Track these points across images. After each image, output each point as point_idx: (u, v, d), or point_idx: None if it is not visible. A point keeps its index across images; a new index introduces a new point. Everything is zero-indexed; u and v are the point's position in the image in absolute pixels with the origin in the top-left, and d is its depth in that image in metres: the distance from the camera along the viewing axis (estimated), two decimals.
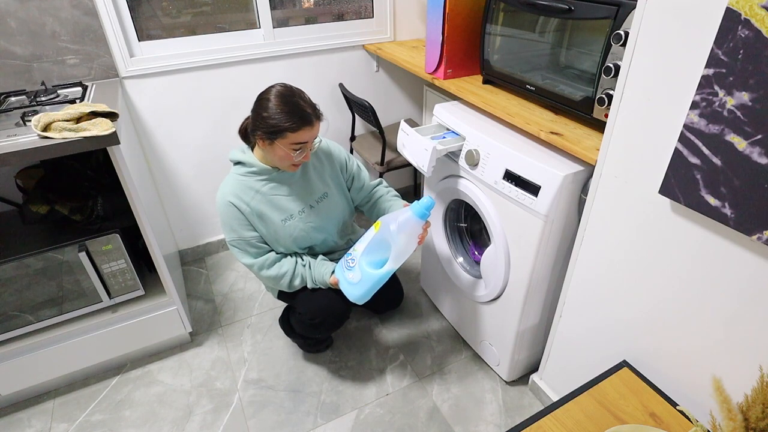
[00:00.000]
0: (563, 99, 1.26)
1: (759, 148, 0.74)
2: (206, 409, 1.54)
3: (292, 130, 1.22)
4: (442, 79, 1.65)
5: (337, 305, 1.46)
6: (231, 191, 1.33)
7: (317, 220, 1.43)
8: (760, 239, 0.77)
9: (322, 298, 1.46)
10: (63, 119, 1.22)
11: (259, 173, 1.34)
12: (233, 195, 1.33)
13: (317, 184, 1.43)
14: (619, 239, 1.07)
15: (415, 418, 1.50)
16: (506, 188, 1.26)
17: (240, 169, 1.35)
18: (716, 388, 0.75)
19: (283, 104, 1.22)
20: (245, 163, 1.34)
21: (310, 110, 1.24)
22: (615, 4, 1.04)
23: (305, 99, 1.26)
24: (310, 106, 1.25)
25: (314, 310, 1.46)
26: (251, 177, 1.34)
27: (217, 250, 2.29)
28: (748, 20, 0.71)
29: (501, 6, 1.40)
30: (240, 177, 1.34)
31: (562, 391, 1.43)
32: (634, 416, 1.01)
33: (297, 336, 1.70)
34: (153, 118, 1.86)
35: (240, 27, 1.92)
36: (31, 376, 1.51)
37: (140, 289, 1.58)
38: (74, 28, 1.58)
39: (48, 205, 1.46)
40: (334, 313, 1.47)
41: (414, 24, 2.23)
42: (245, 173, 1.34)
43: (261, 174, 1.34)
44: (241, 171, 1.35)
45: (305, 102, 1.25)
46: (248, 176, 1.34)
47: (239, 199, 1.33)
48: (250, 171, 1.34)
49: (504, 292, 1.43)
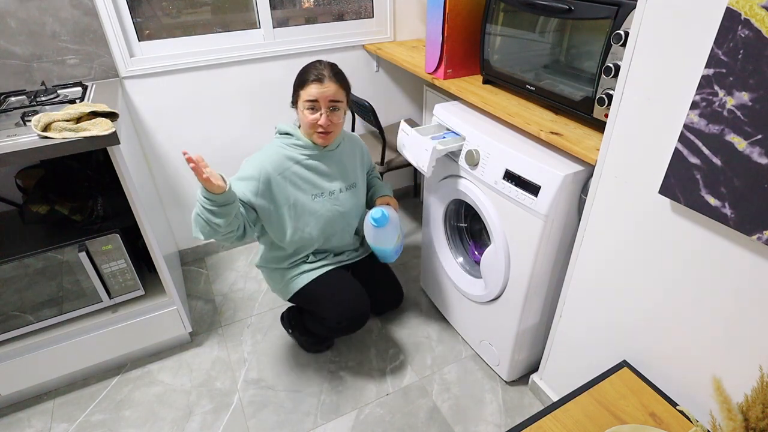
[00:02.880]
0: (563, 99, 1.26)
1: (759, 148, 0.74)
2: (206, 409, 1.54)
3: (302, 87, 1.32)
4: (442, 79, 1.65)
5: (358, 305, 1.49)
6: (268, 159, 1.36)
7: (344, 206, 1.48)
8: (760, 239, 0.77)
9: (343, 302, 1.48)
10: (63, 119, 1.22)
11: (304, 146, 1.39)
12: (268, 164, 1.35)
13: (350, 173, 1.50)
14: (619, 239, 1.07)
15: (415, 418, 1.50)
16: (506, 188, 1.26)
17: (287, 139, 1.39)
18: (716, 388, 0.75)
19: (300, 70, 1.35)
20: (294, 135, 1.39)
21: (322, 70, 1.31)
22: (615, 4, 1.04)
23: (323, 63, 1.34)
24: (326, 68, 1.32)
25: (339, 315, 1.47)
26: (296, 149, 1.39)
27: (217, 250, 2.29)
28: (748, 20, 0.71)
29: (501, 6, 1.40)
30: (284, 147, 1.38)
31: (562, 391, 1.43)
32: (634, 416, 1.01)
33: (299, 334, 1.70)
34: (153, 118, 1.86)
35: (240, 27, 1.92)
36: (31, 376, 1.51)
37: (140, 289, 1.58)
38: (74, 28, 1.58)
39: (48, 205, 1.46)
40: (359, 314, 1.50)
41: (414, 24, 2.23)
42: (291, 144, 1.39)
43: (305, 148, 1.39)
44: (287, 141, 1.39)
45: (321, 65, 1.33)
46: (293, 147, 1.39)
47: (273, 167, 1.35)
48: (297, 144, 1.39)
49: (504, 292, 1.43)
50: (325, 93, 1.30)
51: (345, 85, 1.36)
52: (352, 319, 1.48)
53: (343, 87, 1.34)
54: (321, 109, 1.31)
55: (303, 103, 1.31)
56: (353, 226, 1.56)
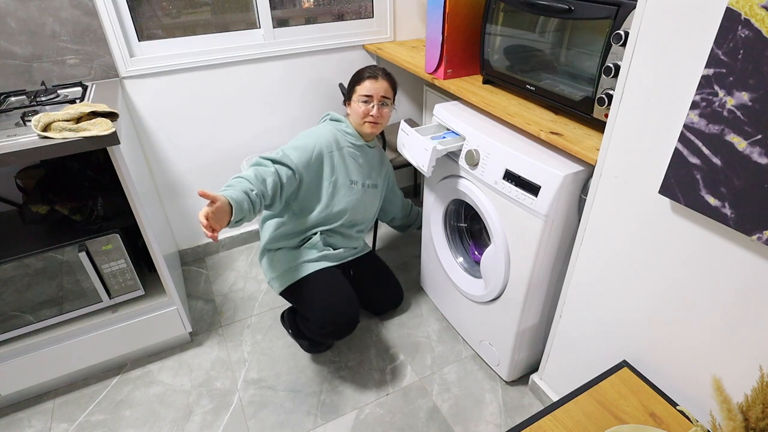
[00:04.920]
0: (563, 99, 1.26)
1: (759, 148, 0.74)
2: (206, 409, 1.54)
3: (358, 83, 1.51)
4: (442, 79, 1.65)
5: (346, 312, 1.48)
6: (324, 137, 1.50)
7: (363, 200, 1.61)
8: (759, 239, 0.77)
9: (331, 306, 1.47)
10: (63, 119, 1.22)
11: (351, 134, 1.55)
12: (324, 140, 1.49)
13: (374, 174, 1.65)
14: (619, 239, 1.07)
15: (415, 418, 1.50)
16: (506, 188, 1.26)
17: (338, 125, 1.55)
18: (716, 388, 0.75)
19: (356, 72, 1.56)
20: (344, 122, 1.56)
21: (377, 70, 1.52)
22: (615, 4, 1.04)
23: (377, 66, 1.55)
24: (379, 69, 1.53)
25: (324, 319, 1.47)
26: (344, 135, 1.55)
27: (217, 250, 2.29)
28: (748, 20, 0.71)
29: (501, 6, 1.40)
30: (336, 130, 1.54)
31: (562, 391, 1.43)
32: (634, 416, 1.01)
33: (300, 336, 1.70)
34: (153, 118, 1.86)
35: (240, 27, 1.92)
36: (31, 376, 1.51)
37: (140, 289, 1.58)
38: (74, 28, 1.58)
39: (48, 205, 1.46)
40: (345, 322, 1.48)
41: (414, 24, 2.23)
42: (341, 129, 1.55)
43: (352, 136, 1.55)
44: (339, 127, 1.55)
45: (375, 67, 1.54)
46: (342, 133, 1.54)
47: (335, 143, 1.51)
48: (346, 131, 1.55)
49: (504, 292, 1.43)
50: (378, 89, 1.49)
51: (394, 85, 1.55)
52: (338, 324, 1.47)
53: (392, 86, 1.54)
54: (373, 101, 1.49)
55: (358, 97, 1.50)
56: (367, 222, 1.69)
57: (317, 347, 1.72)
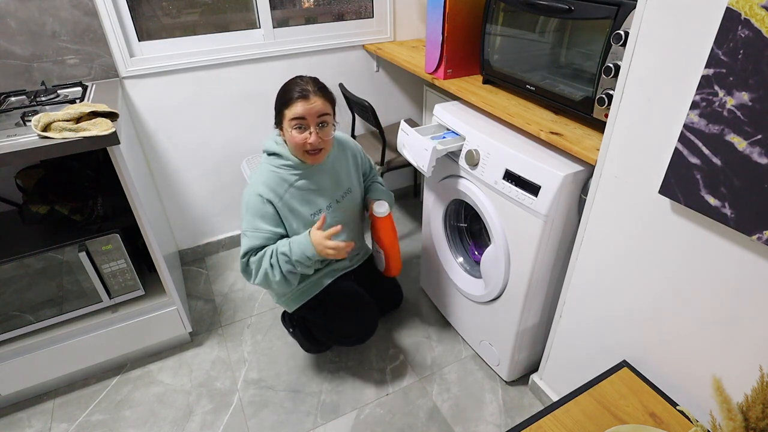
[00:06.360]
0: (563, 99, 1.26)
1: (759, 148, 0.74)
2: (206, 409, 1.54)
3: (286, 106, 1.25)
4: (442, 79, 1.65)
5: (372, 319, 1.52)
6: (265, 183, 1.31)
7: (342, 216, 1.45)
8: (760, 239, 0.77)
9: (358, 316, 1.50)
10: (63, 119, 1.22)
11: (294, 167, 1.33)
12: (267, 188, 1.30)
13: (343, 180, 1.45)
14: (619, 239, 1.07)
15: (415, 418, 1.50)
16: (506, 188, 1.26)
17: (275, 160, 1.33)
18: (716, 388, 0.75)
19: (281, 88, 1.29)
20: (281, 155, 1.32)
21: (306, 86, 1.25)
22: (615, 4, 1.04)
23: (304, 79, 1.28)
24: (309, 83, 1.26)
25: (350, 329, 1.50)
26: (286, 170, 1.33)
27: (217, 250, 2.29)
28: (748, 20, 0.71)
29: (501, 6, 1.40)
30: (274, 169, 1.33)
31: (562, 391, 1.43)
32: (634, 416, 1.01)
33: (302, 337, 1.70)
34: (153, 118, 1.86)
35: (240, 27, 1.92)
36: (31, 376, 1.51)
37: (140, 289, 1.58)
38: (74, 28, 1.58)
39: (48, 205, 1.46)
40: (372, 329, 1.54)
41: (414, 24, 2.23)
42: (280, 165, 1.33)
43: (295, 168, 1.33)
44: (276, 163, 1.33)
45: (303, 80, 1.27)
46: (282, 168, 1.33)
47: (273, 193, 1.31)
48: (285, 164, 1.33)
49: (504, 292, 1.43)
50: (312, 109, 1.24)
51: (331, 98, 1.30)
52: (367, 333, 1.53)
53: (329, 100, 1.29)
54: (309, 127, 1.25)
55: (289, 122, 1.25)
56: (355, 231, 1.56)
57: (317, 347, 1.72)
